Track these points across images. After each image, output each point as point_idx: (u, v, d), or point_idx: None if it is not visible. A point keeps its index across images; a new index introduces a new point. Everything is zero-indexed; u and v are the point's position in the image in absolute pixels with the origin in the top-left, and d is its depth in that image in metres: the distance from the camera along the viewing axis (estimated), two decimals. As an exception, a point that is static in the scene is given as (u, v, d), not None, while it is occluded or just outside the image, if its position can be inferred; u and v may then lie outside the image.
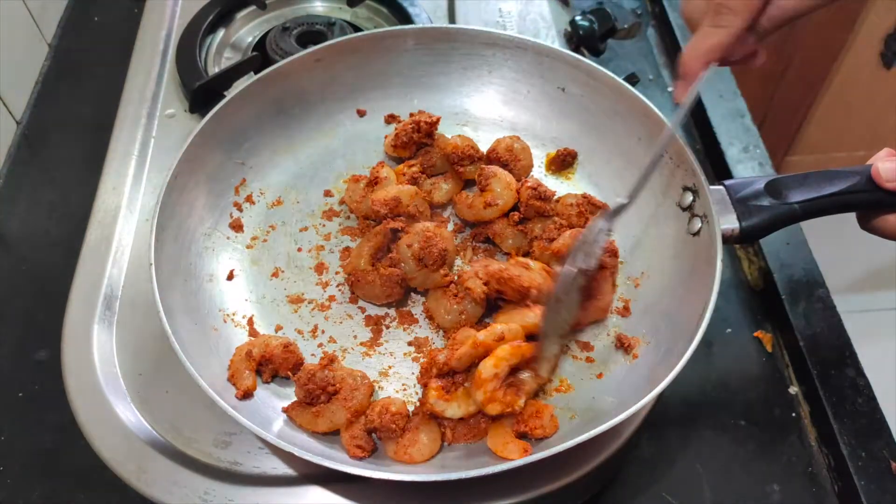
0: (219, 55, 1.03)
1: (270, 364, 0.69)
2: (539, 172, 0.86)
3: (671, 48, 1.11)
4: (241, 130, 0.83)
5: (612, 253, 0.74)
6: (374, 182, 0.80)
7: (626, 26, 1.01)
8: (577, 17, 1.01)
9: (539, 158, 0.87)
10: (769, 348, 0.82)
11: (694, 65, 0.65)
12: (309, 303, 0.77)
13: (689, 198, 0.74)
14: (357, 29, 1.03)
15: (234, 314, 0.75)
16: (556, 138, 0.87)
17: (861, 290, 2.12)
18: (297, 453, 0.58)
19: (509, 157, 0.84)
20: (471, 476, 0.57)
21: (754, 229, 0.70)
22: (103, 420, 0.69)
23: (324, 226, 0.82)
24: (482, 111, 0.90)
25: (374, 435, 0.66)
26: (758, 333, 0.83)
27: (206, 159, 0.79)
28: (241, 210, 0.82)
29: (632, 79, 0.94)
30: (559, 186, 0.85)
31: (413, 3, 1.03)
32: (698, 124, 1.03)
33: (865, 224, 0.71)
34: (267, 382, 0.70)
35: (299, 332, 0.75)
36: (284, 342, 0.70)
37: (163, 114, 0.94)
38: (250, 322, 0.74)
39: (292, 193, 0.85)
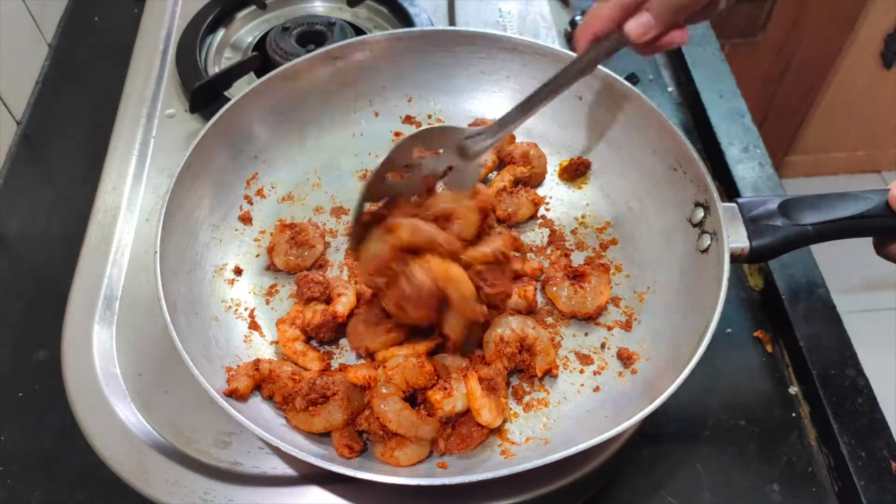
0: (219, 55, 1.03)
1: (270, 383, 0.67)
2: (552, 180, 0.86)
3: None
4: (255, 125, 0.83)
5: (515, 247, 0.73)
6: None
7: (626, 26, 1.01)
8: (577, 17, 1.01)
9: (553, 166, 0.87)
10: (769, 348, 0.82)
11: (581, 38, 0.66)
12: (310, 299, 0.76)
13: (700, 214, 0.73)
14: (357, 29, 1.03)
15: (237, 305, 0.75)
16: (571, 146, 0.87)
17: (861, 290, 2.12)
18: (283, 448, 0.58)
19: (523, 163, 0.83)
20: (454, 482, 0.57)
21: (765, 249, 0.68)
22: (103, 420, 0.69)
23: (332, 223, 0.82)
24: (498, 115, 0.88)
25: (364, 435, 0.66)
26: (758, 333, 0.83)
27: (218, 151, 0.79)
28: (251, 203, 0.82)
29: (632, 79, 0.94)
30: (571, 195, 0.85)
31: (413, 3, 1.03)
32: (698, 124, 1.03)
33: (882, 250, 0.70)
34: (266, 399, 0.68)
35: (300, 329, 0.74)
36: (294, 373, 0.68)
37: (163, 114, 0.94)
38: (251, 314, 0.75)
39: (303, 189, 0.85)
